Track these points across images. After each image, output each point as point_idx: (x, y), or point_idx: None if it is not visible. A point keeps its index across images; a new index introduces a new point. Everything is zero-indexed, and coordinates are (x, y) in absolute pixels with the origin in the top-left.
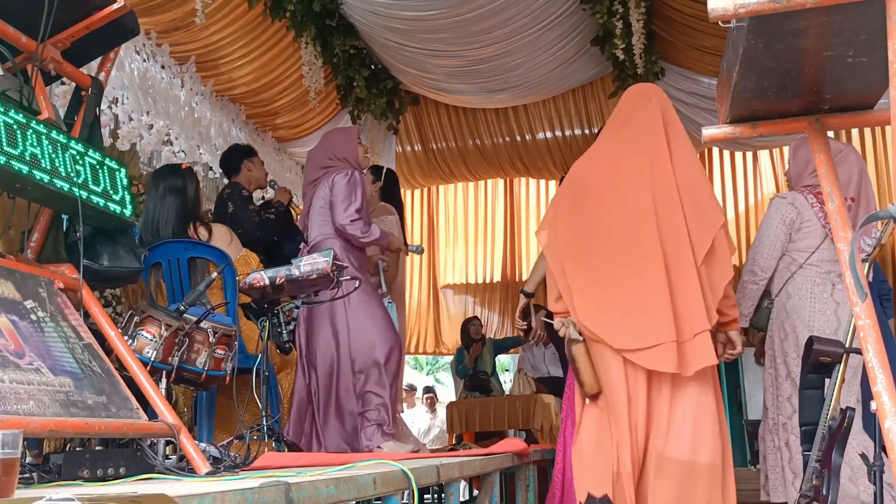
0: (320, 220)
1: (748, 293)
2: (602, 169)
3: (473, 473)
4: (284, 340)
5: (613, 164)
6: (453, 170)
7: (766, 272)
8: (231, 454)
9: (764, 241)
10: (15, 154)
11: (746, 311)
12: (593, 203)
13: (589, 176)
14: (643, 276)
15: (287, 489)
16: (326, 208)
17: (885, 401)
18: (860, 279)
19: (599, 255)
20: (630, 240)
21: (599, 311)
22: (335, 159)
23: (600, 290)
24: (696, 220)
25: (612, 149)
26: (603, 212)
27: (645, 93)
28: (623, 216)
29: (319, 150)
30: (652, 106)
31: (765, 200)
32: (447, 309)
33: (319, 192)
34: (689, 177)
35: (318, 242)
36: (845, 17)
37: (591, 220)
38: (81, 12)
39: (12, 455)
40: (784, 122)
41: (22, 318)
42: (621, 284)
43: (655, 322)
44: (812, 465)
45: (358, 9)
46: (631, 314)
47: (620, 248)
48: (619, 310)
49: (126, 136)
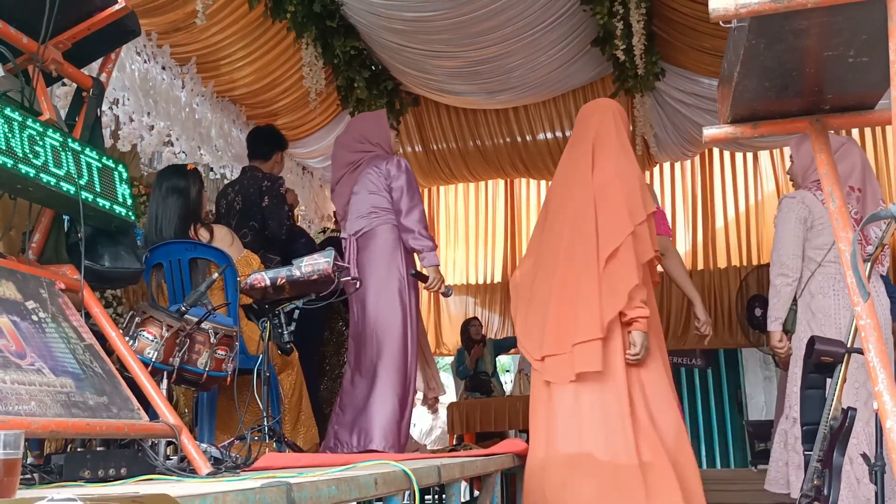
0: (372, 206)
1: (783, 296)
2: (551, 196)
3: (474, 474)
4: (285, 341)
5: (556, 191)
6: (454, 170)
7: (796, 272)
8: (232, 455)
9: (785, 240)
10: (16, 155)
11: (781, 313)
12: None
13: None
14: (549, 291)
15: (288, 489)
16: (378, 194)
17: (886, 400)
18: (862, 279)
19: (532, 273)
20: (550, 256)
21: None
22: (368, 143)
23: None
24: (604, 229)
25: (559, 172)
26: (547, 233)
27: (588, 112)
28: (552, 236)
29: (350, 135)
30: (591, 122)
31: (765, 201)
32: (447, 310)
33: (366, 178)
34: (606, 188)
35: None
36: (846, 18)
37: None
38: (83, 13)
39: (14, 456)
40: (785, 123)
41: (23, 319)
42: (537, 300)
43: (550, 334)
44: (813, 464)
45: (358, 10)
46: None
47: (543, 266)
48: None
49: (127, 136)
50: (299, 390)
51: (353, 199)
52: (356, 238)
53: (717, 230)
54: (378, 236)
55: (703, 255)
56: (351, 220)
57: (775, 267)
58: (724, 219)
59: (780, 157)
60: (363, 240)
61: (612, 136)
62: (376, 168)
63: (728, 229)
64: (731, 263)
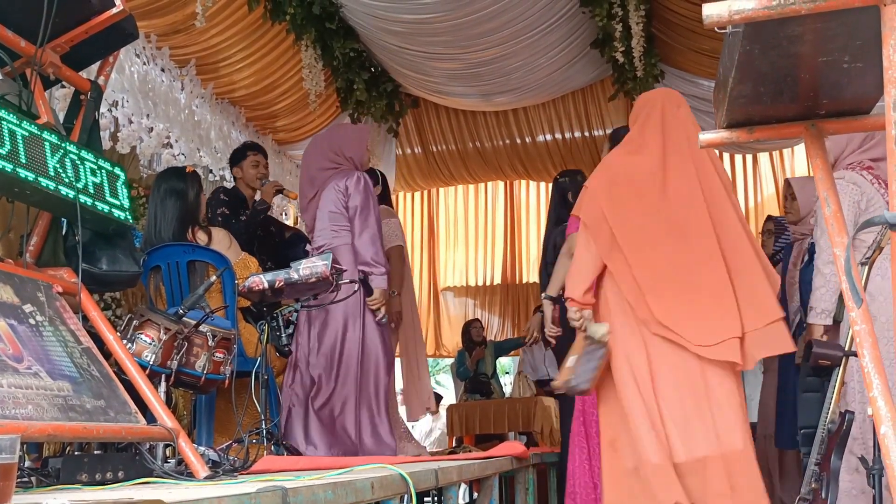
0: (332, 224)
1: (832, 286)
2: (647, 168)
3: (472, 477)
4: (283, 344)
5: (659, 164)
6: (453, 172)
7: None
8: (230, 458)
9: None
10: (14, 158)
11: (831, 305)
12: (652, 203)
13: (634, 173)
14: (708, 273)
15: (284, 494)
16: (338, 213)
17: (880, 406)
18: (856, 285)
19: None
20: (693, 239)
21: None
22: (341, 156)
23: (671, 288)
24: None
25: (652, 148)
26: (664, 212)
27: (675, 97)
28: (684, 216)
29: (326, 142)
30: (684, 111)
31: (765, 203)
32: (447, 311)
33: (329, 195)
34: (728, 182)
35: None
36: (840, 24)
37: (653, 221)
38: (80, 16)
39: (10, 460)
40: (780, 127)
41: (20, 323)
42: (690, 282)
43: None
44: (811, 468)
45: (358, 12)
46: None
47: (684, 247)
48: (691, 309)
49: (126, 139)
50: None
51: (318, 213)
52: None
53: None
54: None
55: None
56: (316, 235)
57: (826, 253)
58: None
59: (780, 160)
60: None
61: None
62: (336, 185)
63: None
64: None
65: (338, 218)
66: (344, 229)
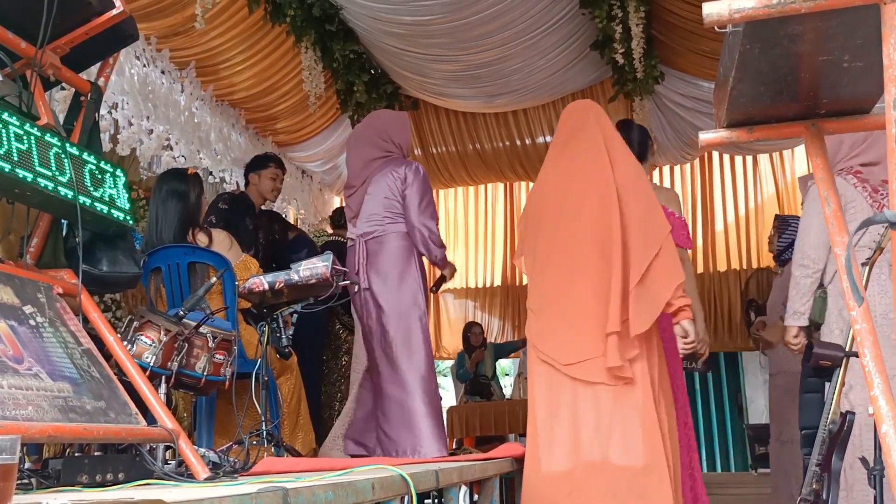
0: (386, 211)
1: (802, 288)
2: (550, 191)
3: (473, 478)
4: (284, 345)
5: (560, 186)
6: (453, 174)
7: (819, 263)
8: (230, 459)
9: (810, 231)
10: (14, 160)
11: (802, 307)
12: (545, 226)
13: (538, 199)
14: (579, 294)
15: (285, 494)
16: (393, 199)
17: (881, 405)
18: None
19: (547, 277)
20: (572, 260)
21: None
22: (391, 143)
23: (546, 309)
24: (642, 227)
25: (557, 171)
26: (550, 234)
27: (583, 111)
28: (571, 236)
29: (374, 130)
30: (590, 123)
31: (765, 204)
32: (447, 313)
33: (383, 181)
34: (635, 187)
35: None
36: (840, 22)
37: (542, 243)
38: (80, 18)
39: (10, 461)
40: (781, 127)
41: (21, 324)
42: (561, 303)
43: (585, 338)
44: (812, 469)
45: (358, 14)
46: (565, 331)
47: (564, 268)
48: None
49: (126, 141)
50: (298, 395)
51: (367, 199)
52: (366, 241)
53: (717, 233)
54: (390, 241)
55: (702, 258)
56: (362, 222)
57: (797, 257)
58: (724, 222)
59: (780, 161)
60: (374, 244)
61: (619, 139)
62: (394, 172)
63: (728, 233)
64: (731, 267)
65: (392, 205)
66: (399, 216)
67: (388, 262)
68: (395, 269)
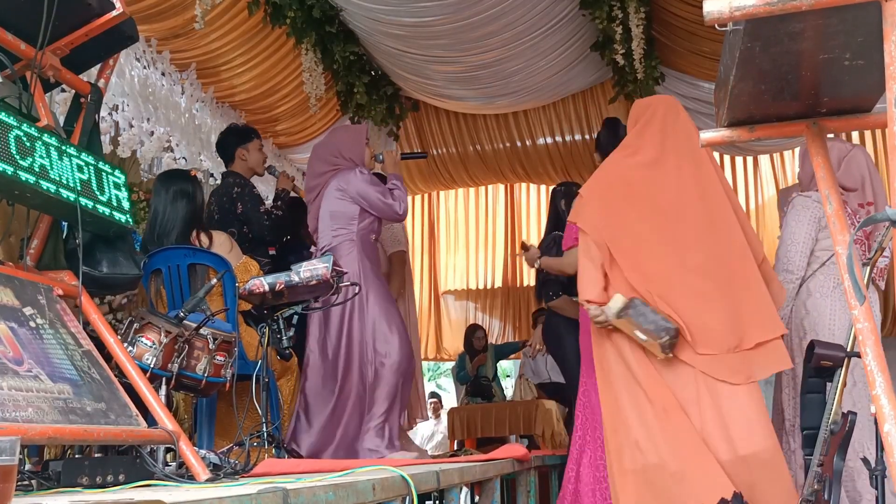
0: (333, 224)
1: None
2: (642, 172)
3: (474, 479)
4: (284, 347)
5: (656, 168)
6: (454, 175)
7: (801, 271)
8: (231, 461)
9: (796, 239)
10: (14, 161)
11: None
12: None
13: (630, 178)
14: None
15: (285, 495)
16: (339, 212)
17: (883, 404)
18: (858, 282)
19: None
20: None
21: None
22: (340, 158)
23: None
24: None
25: (650, 152)
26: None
27: (675, 105)
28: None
29: (325, 147)
30: (684, 116)
31: (766, 205)
32: (448, 315)
33: (330, 194)
34: (732, 193)
35: (334, 247)
36: (841, 20)
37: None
38: (80, 19)
39: (10, 462)
40: (782, 126)
41: (21, 325)
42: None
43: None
44: (814, 469)
45: (358, 15)
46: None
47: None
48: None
49: (126, 142)
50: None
51: (321, 215)
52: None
53: None
54: (338, 252)
55: None
56: (320, 237)
57: (780, 263)
58: None
59: (780, 161)
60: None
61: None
62: (338, 185)
63: None
64: None
65: (340, 216)
66: (348, 225)
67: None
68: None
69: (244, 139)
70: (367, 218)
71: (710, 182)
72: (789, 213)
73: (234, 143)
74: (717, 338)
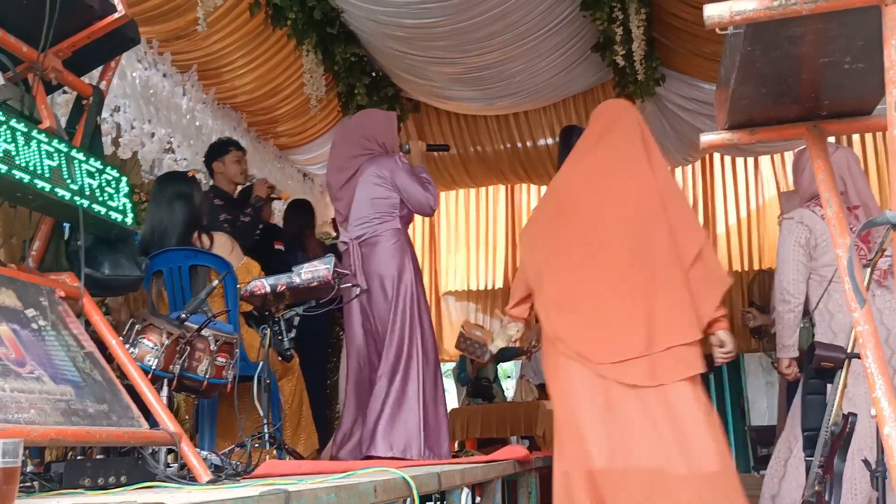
0: (374, 211)
1: (787, 322)
2: (582, 184)
3: (475, 481)
4: (286, 348)
5: (594, 179)
6: (454, 176)
7: (799, 296)
8: (233, 462)
9: (785, 266)
10: (16, 163)
11: (789, 340)
12: (575, 219)
13: (569, 191)
14: (620, 290)
15: (287, 497)
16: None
17: (884, 406)
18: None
19: (579, 271)
20: (610, 254)
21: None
22: (374, 142)
23: (577, 304)
24: (683, 232)
25: (590, 163)
26: (585, 227)
27: (620, 108)
28: (605, 231)
29: (359, 127)
30: (628, 121)
31: (766, 206)
32: (449, 316)
33: (367, 180)
34: (671, 192)
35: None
36: (841, 24)
37: (573, 236)
38: (82, 22)
39: (13, 464)
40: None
41: (23, 327)
42: (598, 299)
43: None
44: (814, 470)
45: (359, 17)
46: (602, 329)
47: (600, 263)
48: (594, 324)
49: (128, 144)
50: (299, 396)
51: (356, 202)
52: (359, 244)
53: (719, 235)
54: (382, 242)
55: None
56: (353, 225)
57: (777, 293)
58: (726, 224)
59: (781, 162)
60: (366, 246)
61: (653, 140)
62: (379, 173)
63: (730, 234)
64: (732, 269)
65: (381, 204)
66: (389, 213)
67: (382, 263)
68: (390, 269)
69: (219, 153)
70: (406, 208)
71: (638, 183)
72: (780, 236)
73: (211, 158)
74: (623, 344)
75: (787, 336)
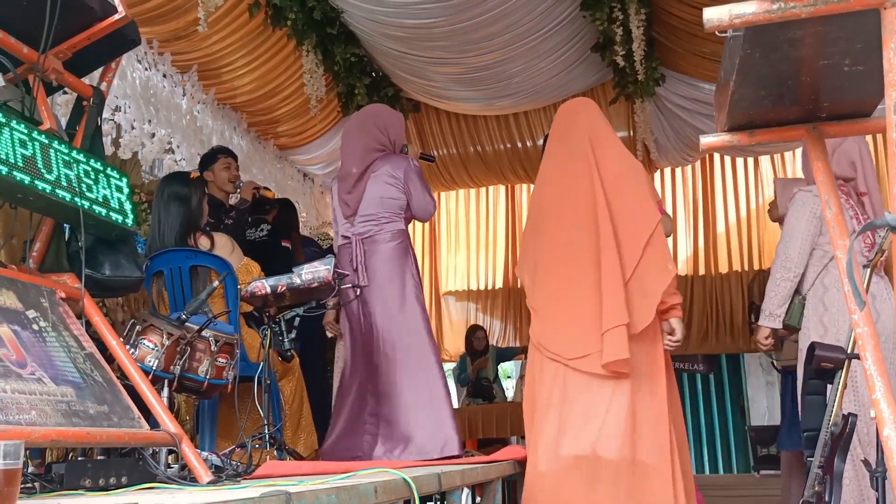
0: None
1: (781, 290)
2: (547, 194)
3: (475, 481)
4: (286, 349)
5: (555, 188)
6: (454, 176)
7: (801, 268)
8: (233, 463)
9: (795, 235)
10: (16, 164)
11: (778, 309)
12: (545, 229)
13: (538, 202)
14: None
15: (288, 498)
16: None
17: (883, 408)
18: (858, 287)
19: (549, 278)
20: (572, 260)
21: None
22: (387, 138)
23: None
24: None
25: (551, 171)
26: (550, 236)
27: (574, 109)
28: (564, 234)
29: (374, 119)
30: (579, 120)
31: (766, 205)
32: (449, 316)
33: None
34: (618, 185)
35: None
36: (841, 27)
37: (543, 245)
38: (83, 23)
39: (14, 465)
40: (782, 131)
41: (24, 328)
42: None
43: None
44: (814, 471)
45: (359, 17)
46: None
47: (565, 269)
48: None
49: (128, 144)
50: (300, 396)
51: (366, 198)
52: (362, 240)
53: (719, 235)
54: (386, 241)
55: (704, 260)
56: (359, 221)
57: (779, 259)
58: (726, 224)
59: (781, 162)
60: (369, 243)
61: (608, 131)
62: (392, 172)
63: (729, 234)
64: (732, 268)
65: (389, 203)
66: (395, 213)
67: (384, 261)
68: (392, 268)
69: (209, 162)
70: (409, 210)
71: (583, 183)
72: (790, 208)
73: (203, 168)
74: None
75: (776, 304)
